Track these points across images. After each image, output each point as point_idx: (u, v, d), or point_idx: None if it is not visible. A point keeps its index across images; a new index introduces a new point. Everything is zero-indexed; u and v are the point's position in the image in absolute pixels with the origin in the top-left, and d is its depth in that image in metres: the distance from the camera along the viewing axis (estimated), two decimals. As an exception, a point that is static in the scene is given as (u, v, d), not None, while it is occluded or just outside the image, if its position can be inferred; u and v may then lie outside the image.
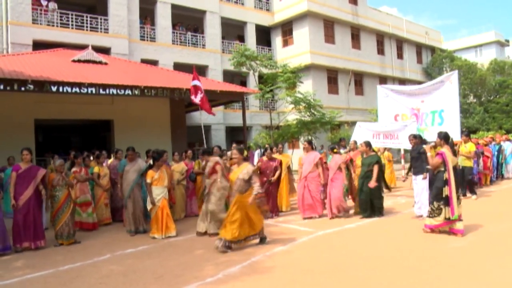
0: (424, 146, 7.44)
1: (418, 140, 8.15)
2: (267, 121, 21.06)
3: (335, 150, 8.61)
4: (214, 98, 14.84)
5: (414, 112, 10.36)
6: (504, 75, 33.06)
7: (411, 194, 9.06)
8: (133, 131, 15.31)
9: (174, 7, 20.96)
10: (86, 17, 17.86)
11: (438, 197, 6.39)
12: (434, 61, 33.06)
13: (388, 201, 9.61)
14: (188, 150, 10.13)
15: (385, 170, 12.46)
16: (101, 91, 10.85)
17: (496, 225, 6.93)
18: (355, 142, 9.59)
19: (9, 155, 9.68)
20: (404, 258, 5.20)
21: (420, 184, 7.80)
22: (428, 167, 6.88)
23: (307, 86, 22.14)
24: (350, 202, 9.12)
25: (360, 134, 10.65)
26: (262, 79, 20.50)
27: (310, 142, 8.84)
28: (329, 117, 19.41)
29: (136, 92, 11.42)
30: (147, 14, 20.60)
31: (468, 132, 11.12)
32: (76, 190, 7.93)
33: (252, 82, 21.83)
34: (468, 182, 10.15)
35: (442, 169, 6.40)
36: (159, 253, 6.05)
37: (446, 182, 6.29)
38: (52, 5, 17.14)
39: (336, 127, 23.39)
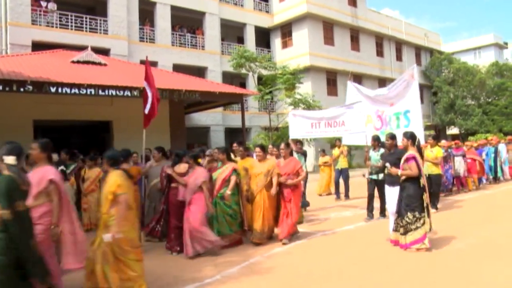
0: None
1: (395, 141, 6.42)
2: (266, 122, 21.07)
3: (199, 160, 6.38)
4: (214, 100, 14.84)
5: (378, 114, 9.12)
6: (503, 77, 33.15)
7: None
8: (132, 132, 15.24)
9: (173, 8, 21.00)
10: (86, 18, 17.88)
11: (412, 207, 5.55)
12: (433, 64, 33.09)
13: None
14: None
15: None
16: (100, 92, 10.83)
17: (494, 227, 6.93)
18: (286, 145, 6.86)
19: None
20: (402, 260, 5.20)
21: (395, 196, 5.98)
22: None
23: (306, 88, 22.16)
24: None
25: (297, 125, 8.96)
26: (261, 80, 20.50)
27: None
28: None
29: (135, 93, 11.41)
30: (146, 16, 20.63)
31: (435, 135, 10.57)
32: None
33: (252, 83, 21.86)
34: (434, 192, 8.78)
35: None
36: (157, 254, 6.04)
37: (424, 189, 5.62)
38: (52, 6, 17.16)
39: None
